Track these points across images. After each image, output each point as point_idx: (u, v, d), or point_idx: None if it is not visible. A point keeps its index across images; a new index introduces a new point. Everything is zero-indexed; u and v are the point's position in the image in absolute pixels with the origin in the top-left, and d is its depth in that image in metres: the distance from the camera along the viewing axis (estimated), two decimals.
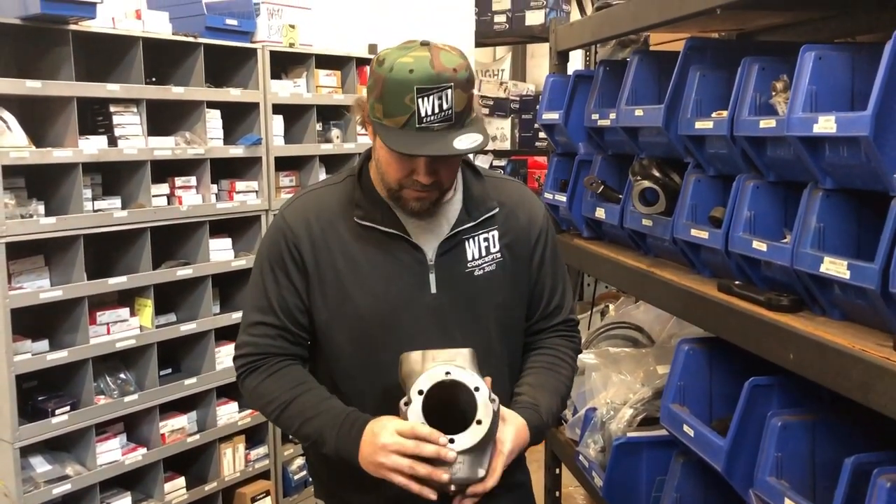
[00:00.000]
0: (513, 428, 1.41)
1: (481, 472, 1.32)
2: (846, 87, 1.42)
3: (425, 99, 1.33)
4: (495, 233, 1.54)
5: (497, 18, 6.10)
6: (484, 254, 1.53)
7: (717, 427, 1.74)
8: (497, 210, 1.55)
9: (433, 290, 1.49)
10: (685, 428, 1.74)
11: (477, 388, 1.30)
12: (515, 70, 8.05)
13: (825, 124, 1.31)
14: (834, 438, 1.51)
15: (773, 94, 1.54)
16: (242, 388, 1.55)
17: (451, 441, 1.28)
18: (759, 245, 1.56)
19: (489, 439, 1.31)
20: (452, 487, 1.31)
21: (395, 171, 1.43)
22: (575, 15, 6.70)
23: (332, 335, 1.50)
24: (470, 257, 1.51)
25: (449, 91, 1.33)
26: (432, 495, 1.32)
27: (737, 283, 1.67)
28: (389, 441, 1.32)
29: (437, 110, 1.33)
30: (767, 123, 1.52)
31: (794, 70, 1.48)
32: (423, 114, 1.33)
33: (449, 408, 1.31)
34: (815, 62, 1.39)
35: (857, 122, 1.25)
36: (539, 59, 8.18)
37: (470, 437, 1.29)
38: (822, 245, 1.42)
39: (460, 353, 1.34)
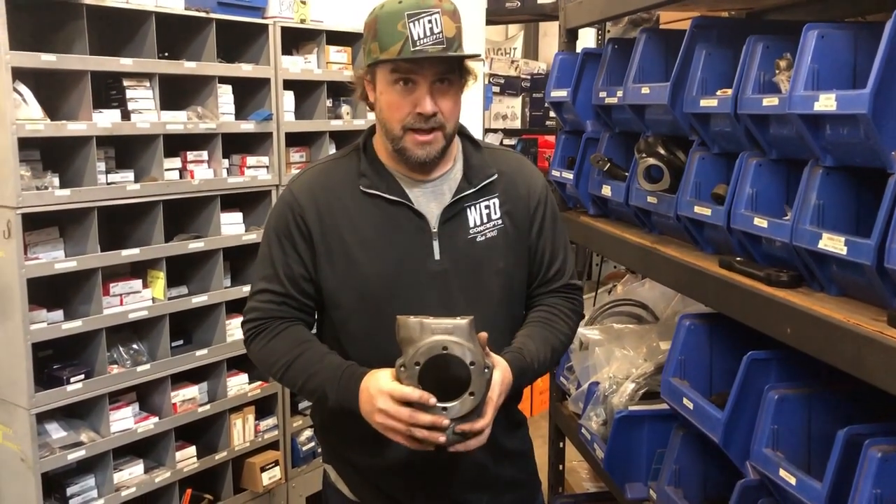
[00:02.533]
0: (498, 372, 1.44)
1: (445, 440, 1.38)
2: (848, 66, 1.43)
3: (416, 23, 1.43)
4: (496, 200, 1.59)
5: None
6: (485, 220, 1.58)
7: (716, 401, 1.78)
8: (496, 177, 1.60)
9: (437, 256, 1.54)
10: (685, 401, 1.77)
11: (472, 363, 1.35)
12: (527, 48, 8.01)
13: (825, 102, 1.33)
14: (829, 411, 1.54)
15: (777, 72, 1.55)
16: (249, 352, 1.62)
17: (444, 410, 1.34)
18: (760, 221, 1.58)
19: (481, 407, 1.37)
20: (443, 439, 1.36)
21: (398, 110, 1.48)
22: None
23: (339, 301, 1.56)
24: (472, 224, 1.57)
25: (437, 15, 1.44)
26: (430, 447, 1.38)
27: (738, 259, 1.69)
28: (385, 406, 1.37)
29: (428, 33, 1.43)
30: (770, 101, 1.54)
31: (797, 48, 1.50)
32: (415, 37, 1.43)
33: (443, 370, 1.35)
34: (818, 41, 1.41)
35: (856, 101, 1.26)
36: (552, 37, 8.13)
37: (462, 406, 1.35)
38: (822, 222, 1.44)
39: (458, 326, 1.36)
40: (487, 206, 1.59)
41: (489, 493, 1.64)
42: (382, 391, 1.37)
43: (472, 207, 1.58)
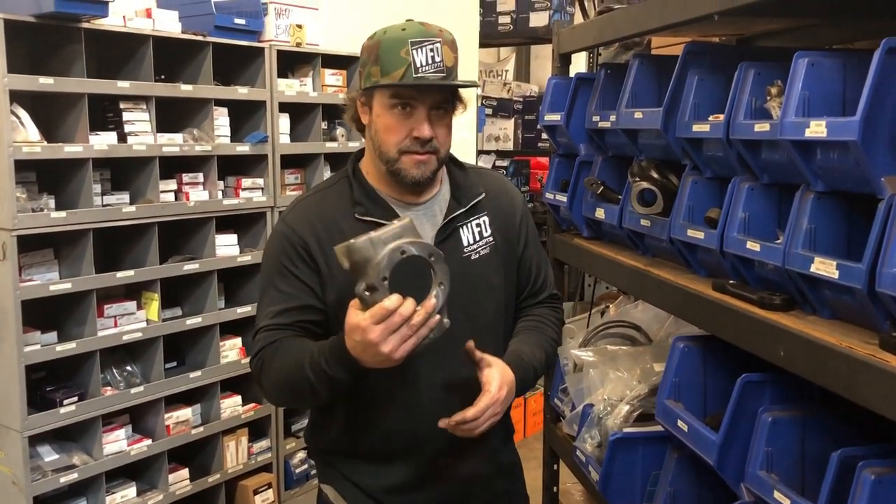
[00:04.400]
0: (497, 370, 1.47)
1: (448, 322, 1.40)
2: (838, 93, 1.46)
3: (419, 50, 1.47)
4: (486, 218, 1.65)
5: (501, 20, 6.15)
6: (478, 238, 1.63)
7: (711, 423, 1.78)
8: (484, 196, 1.65)
9: None
10: (679, 423, 1.78)
11: (431, 255, 1.36)
12: (519, 71, 8.08)
13: (816, 129, 1.35)
14: (823, 434, 1.55)
15: (768, 98, 1.58)
16: (265, 386, 1.56)
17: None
18: (753, 245, 1.60)
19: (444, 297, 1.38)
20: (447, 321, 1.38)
21: (394, 134, 1.51)
22: (578, 17, 6.75)
23: (342, 324, 1.50)
24: (465, 243, 1.61)
25: (438, 45, 1.49)
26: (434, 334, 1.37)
27: (731, 282, 1.71)
28: (376, 334, 1.31)
29: (430, 61, 1.47)
30: (762, 127, 1.56)
31: (787, 75, 1.53)
32: (417, 64, 1.46)
33: (407, 275, 1.34)
34: (808, 68, 1.43)
35: (846, 127, 1.29)
36: (543, 60, 8.20)
37: (437, 298, 1.36)
38: (813, 246, 1.46)
39: (405, 227, 1.37)
40: (478, 225, 1.64)
41: None
42: (361, 325, 1.32)
43: (464, 227, 1.62)
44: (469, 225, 1.62)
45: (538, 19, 6.02)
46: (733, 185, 1.72)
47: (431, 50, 1.48)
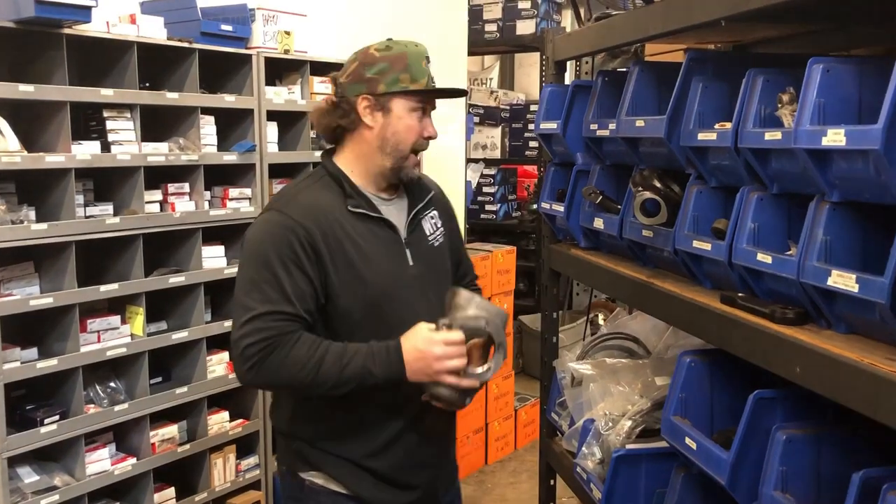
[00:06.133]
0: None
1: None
2: (853, 100, 1.41)
3: (428, 63, 1.79)
4: (436, 212, 1.93)
5: (488, 27, 6.12)
6: (434, 229, 1.91)
7: (718, 439, 1.73)
8: (432, 193, 1.94)
9: (410, 262, 1.81)
10: (687, 441, 1.73)
11: (500, 345, 1.72)
12: (503, 78, 8.07)
13: (834, 137, 1.31)
14: (839, 452, 1.50)
15: (779, 106, 1.53)
16: (263, 369, 1.63)
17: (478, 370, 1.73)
18: (764, 257, 1.55)
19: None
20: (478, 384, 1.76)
21: (414, 134, 1.77)
22: (566, 24, 6.73)
23: (351, 313, 1.73)
24: (427, 233, 1.88)
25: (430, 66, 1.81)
26: (455, 400, 1.72)
27: (740, 295, 1.66)
28: (442, 351, 1.65)
29: (432, 73, 1.80)
30: (773, 136, 1.52)
31: (797, 82, 1.48)
32: (430, 74, 1.79)
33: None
34: (823, 75, 1.39)
35: (867, 136, 1.24)
36: (527, 68, 8.20)
37: (489, 370, 1.73)
38: (829, 258, 1.42)
39: (499, 314, 1.73)
40: (433, 217, 1.91)
41: (451, 473, 2.00)
42: (434, 340, 1.65)
43: (424, 219, 1.88)
44: (427, 217, 1.89)
45: (525, 27, 6.00)
46: (742, 195, 1.67)
47: (430, 63, 1.79)
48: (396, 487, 1.81)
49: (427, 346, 1.65)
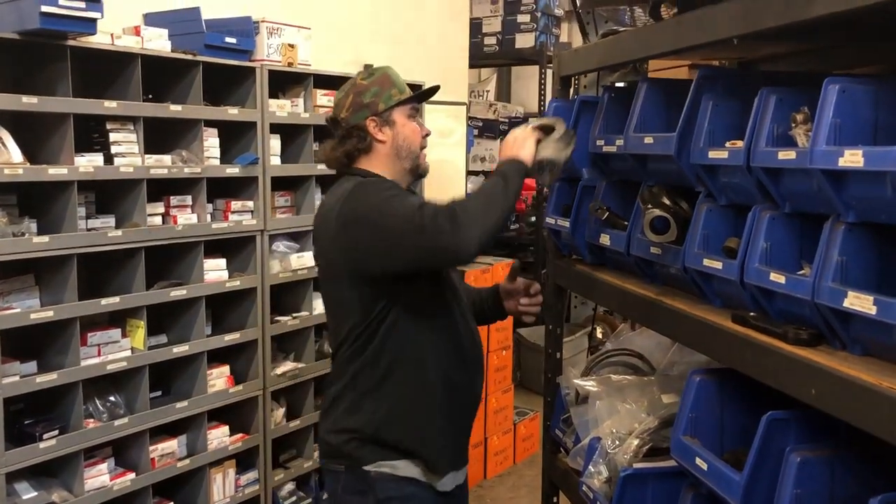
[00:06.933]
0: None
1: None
2: (869, 121, 1.41)
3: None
4: None
5: (487, 41, 6.14)
6: None
7: (729, 459, 1.72)
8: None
9: None
10: (698, 461, 1.71)
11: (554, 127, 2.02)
12: (500, 90, 8.07)
13: (851, 158, 1.30)
14: (853, 474, 1.49)
15: (793, 125, 1.53)
16: (461, 222, 1.78)
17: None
18: (777, 277, 1.54)
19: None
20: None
21: (417, 135, 2.05)
22: (565, 37, 6.74)
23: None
24: None
25: None
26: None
27: (752, 314, 1.65)
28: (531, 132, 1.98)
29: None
30: (787, 155, 1.51)
31: (810, 101, 1.48)
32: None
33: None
34: (839, 95, 1.38)
35: (886, 157, 1.23)
36: (524, 80, 8.21)
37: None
38: (844, 279, 1.41)
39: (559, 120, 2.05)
40: None
41: None
42: (526, 127, 2.01)
43: None
44: None
45: (524, 40, 6.02)
46: (754, 214, 1.66)
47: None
48: (453, 469, 2.02)
49: (515, 131, 2.00)
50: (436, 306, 1.98)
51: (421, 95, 2.10)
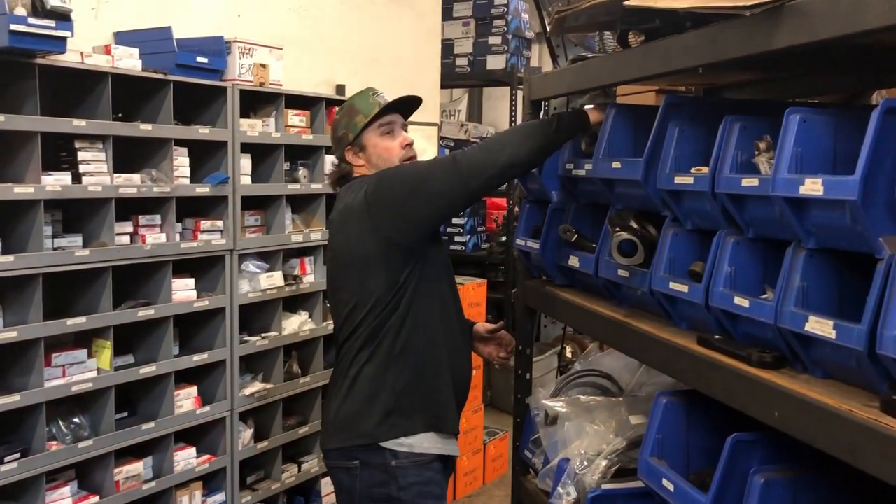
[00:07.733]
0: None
1: None
2: (828, 150, 1.45)
3: (379, 95, 2.24)
4: None
5: (459, 62, 6.19)
6: None
7: (695, 481, 1.74)
8: None
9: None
10: (665, 482, 1.73)
11: None
12: (471, 111, 8.14)
13: (812, 186, 1.34)
14: (816, 495, 1.52)
15: (756, 153, 1.57)
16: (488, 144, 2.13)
17: None
18: (741, 301, 1.57)
19: None
20: None
21: (393, 151, 2.20)
22: (535, 60, 6.82)
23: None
24: None
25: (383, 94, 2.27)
26: None
27: (717, 337, 1.68)
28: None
29: (386, 97, 2.24)
30: (750, 182, 1.55)
31: (773, 129, 1.52)
32: (380, 101, 2.21)
33: None
34: (800, 125, 1.42)
35: (844, 186, 1.27)
36: (495, 100, 8.29)
37: None
38: (805, 303, 1.44)
39: None
40: None
41: None
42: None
43: None
44: None
45: (495, 62, 6.08)
46: (718, 239, 1.70)
47: (383, 96, 2.25)
48: (455, 438, 2.25)
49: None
50: (440, 273, 2.17)
51: (382, 111, 2.20)
